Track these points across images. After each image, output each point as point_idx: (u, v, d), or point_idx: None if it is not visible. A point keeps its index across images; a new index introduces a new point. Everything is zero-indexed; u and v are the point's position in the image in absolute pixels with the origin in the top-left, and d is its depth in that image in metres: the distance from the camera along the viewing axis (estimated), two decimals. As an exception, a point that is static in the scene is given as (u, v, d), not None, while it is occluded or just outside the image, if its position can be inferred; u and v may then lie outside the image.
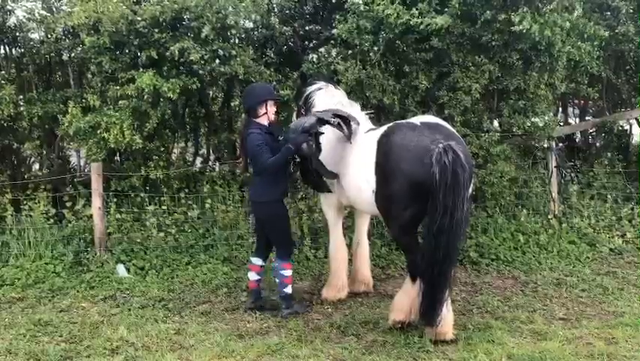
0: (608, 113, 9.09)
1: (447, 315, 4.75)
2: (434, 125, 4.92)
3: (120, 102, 6.58)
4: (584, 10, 7.43)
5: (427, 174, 4.47)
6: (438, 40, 6.82)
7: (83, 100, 6.96)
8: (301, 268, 6.80)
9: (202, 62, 6.51)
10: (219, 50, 6.61)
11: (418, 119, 5.07)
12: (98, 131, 6.56)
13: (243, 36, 6.93)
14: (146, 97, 6.47)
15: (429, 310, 4.66)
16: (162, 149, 7.28)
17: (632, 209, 8.31)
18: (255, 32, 6.89)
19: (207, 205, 7.35)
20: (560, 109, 9.74)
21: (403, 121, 5.22)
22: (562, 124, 9.20)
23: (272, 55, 7.26)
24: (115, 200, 7.08)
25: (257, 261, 5.59)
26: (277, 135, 5.52)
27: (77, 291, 6.10)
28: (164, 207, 7.16)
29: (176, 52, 6.31)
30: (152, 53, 6.52)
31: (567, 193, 8.43)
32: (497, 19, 6.59)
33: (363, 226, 6.09)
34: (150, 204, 7.10)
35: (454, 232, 4.52)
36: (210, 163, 8.18)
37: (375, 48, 6.80)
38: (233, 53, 6.64)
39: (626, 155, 9.52)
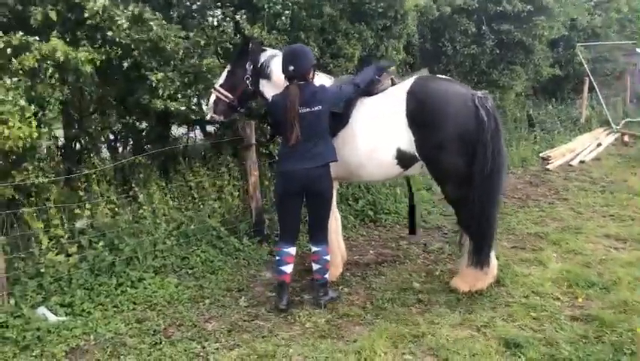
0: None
1: (494, 260, 5.15)
2: (455, 81, 5.20)
3: (7, 81, 4.57)
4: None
5: (472, 116, 4.63)
6: (330, 6, 6.81)
7: None
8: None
9: (115, 26, 5.02)
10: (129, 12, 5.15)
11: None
12: (-12, 124, 4.44)
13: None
14: (50, 71, 4.68)
15: (481, 254, 4.94)
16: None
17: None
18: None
19: (99, 209, 5.76)
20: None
21: (428, 74, 5.33)
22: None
23: (175, 17, 5.92)
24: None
25: (291, 250, 4.84)
26: None
27: (14, 357, 4.19)
28: (55, 222, 5.33)
29: (100, 13, 4.73)
30: (50, 13, 4.70)
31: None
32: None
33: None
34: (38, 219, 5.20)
35: (501, 174, 4.80)
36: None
37: (287, 12, 6.36)
38: (146, 15, 5.30)
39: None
